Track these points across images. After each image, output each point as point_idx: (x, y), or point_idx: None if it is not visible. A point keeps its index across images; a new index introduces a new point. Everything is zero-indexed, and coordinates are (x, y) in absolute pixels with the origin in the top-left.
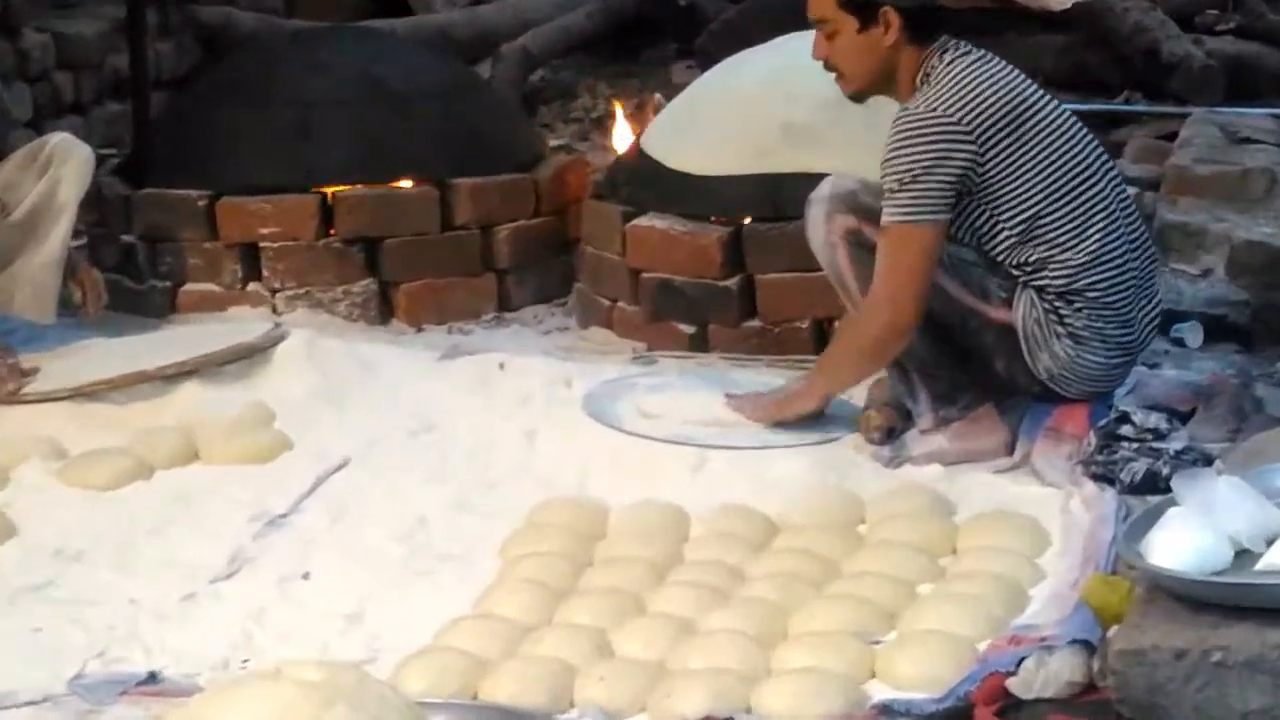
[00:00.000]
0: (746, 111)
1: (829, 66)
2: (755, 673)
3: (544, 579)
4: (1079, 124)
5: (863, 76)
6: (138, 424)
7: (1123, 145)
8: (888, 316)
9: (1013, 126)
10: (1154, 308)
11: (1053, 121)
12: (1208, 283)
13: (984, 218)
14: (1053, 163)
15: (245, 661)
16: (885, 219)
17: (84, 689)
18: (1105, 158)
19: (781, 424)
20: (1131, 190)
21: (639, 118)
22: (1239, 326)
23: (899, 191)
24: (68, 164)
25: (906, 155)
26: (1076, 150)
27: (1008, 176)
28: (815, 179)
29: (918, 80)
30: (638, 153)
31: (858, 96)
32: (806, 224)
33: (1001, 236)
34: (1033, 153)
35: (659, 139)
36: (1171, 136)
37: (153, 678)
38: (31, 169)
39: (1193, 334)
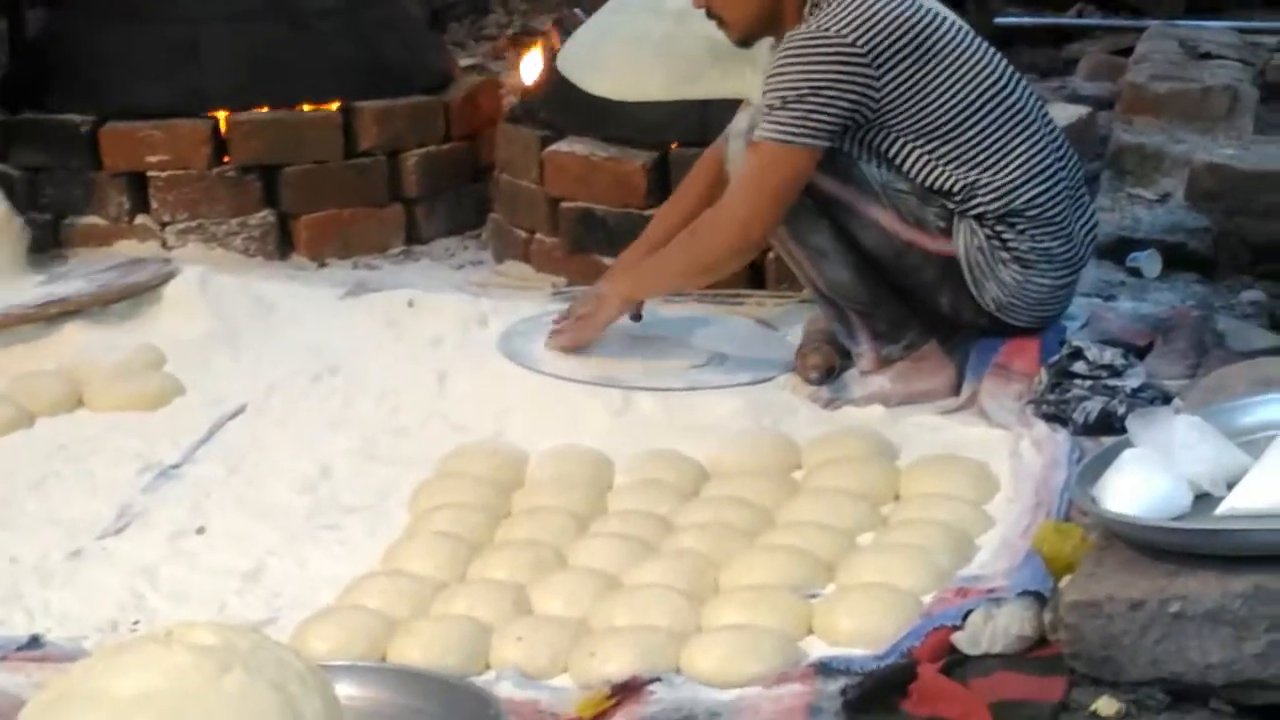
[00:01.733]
0: (670, 29)
1: (710, 14)
2: (684, 630)
3: (457, 532)
4: (984, 42)
5: (745, 19)
6: (16, 368)
7: (1075, 62)
8: (737, 238)
9: (913, 47)
10: (1089, 219)
11: (956, 38)
12: (1166, 208)
13: (894, 142)
14: (962, 80)
15: (135, 624)
16: (759, 134)
17: None
18: (1017, 73)
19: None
20: (1083, 110)
21: (556, 33)
22: (1199, 255)
23: (780, 109)
24: None
25: (793, 72)
26: (986, 65)
27: (913, 99)
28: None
29: (805, 12)
30: (554, 73)
31: (744, 42)
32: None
33: (918, 160)
34: (939, 72)
35: (574, 60)
36: (1127, 52)
37: (35, 642)
38: None
39: (1150, 263)
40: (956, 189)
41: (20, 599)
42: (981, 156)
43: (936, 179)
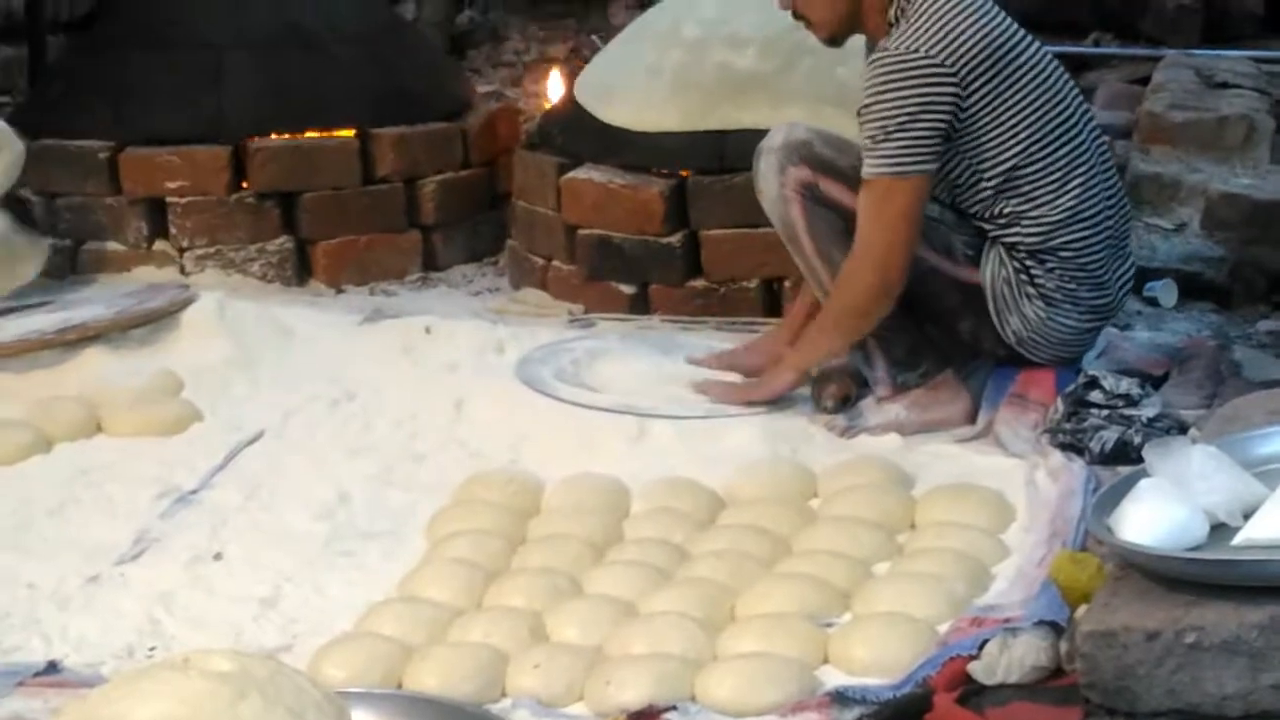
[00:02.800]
0: (685, 59)
1: (797, 16)
2: (700, 658)
3: (474, 559)
4: (1060, 68)
5: (833, 20)
6: (36, 394)
7: (1092, 90)
8: (878, 278)
9: (996, 69)
10: (1128, 269)
11: (1036, 64)
12: (1182, 238)
13: (962, 167)
14: (1036, 109)
15: (152, 650)
16: (868, 171)
17: None
18: (1086, 107)
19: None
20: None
21: (574, 62)
22: (1215, 284)
23: (884, 141)
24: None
25: (888, 101)
26: (1059, 97)
27: (990, 123)
28: (764, 129)
29: (891, 15)
30: (572, 100)
31: (833, 41)
32: (756, 176)
33: (979, 188)
34: (1016, 98)
35: (592, 88)
36: (1144, 81)
37: (52, 668)
38: None
39: (1166, 293)
40: (1002, 215)
41: (38, 624)
42: (1035, 191)
43: (985, 204)
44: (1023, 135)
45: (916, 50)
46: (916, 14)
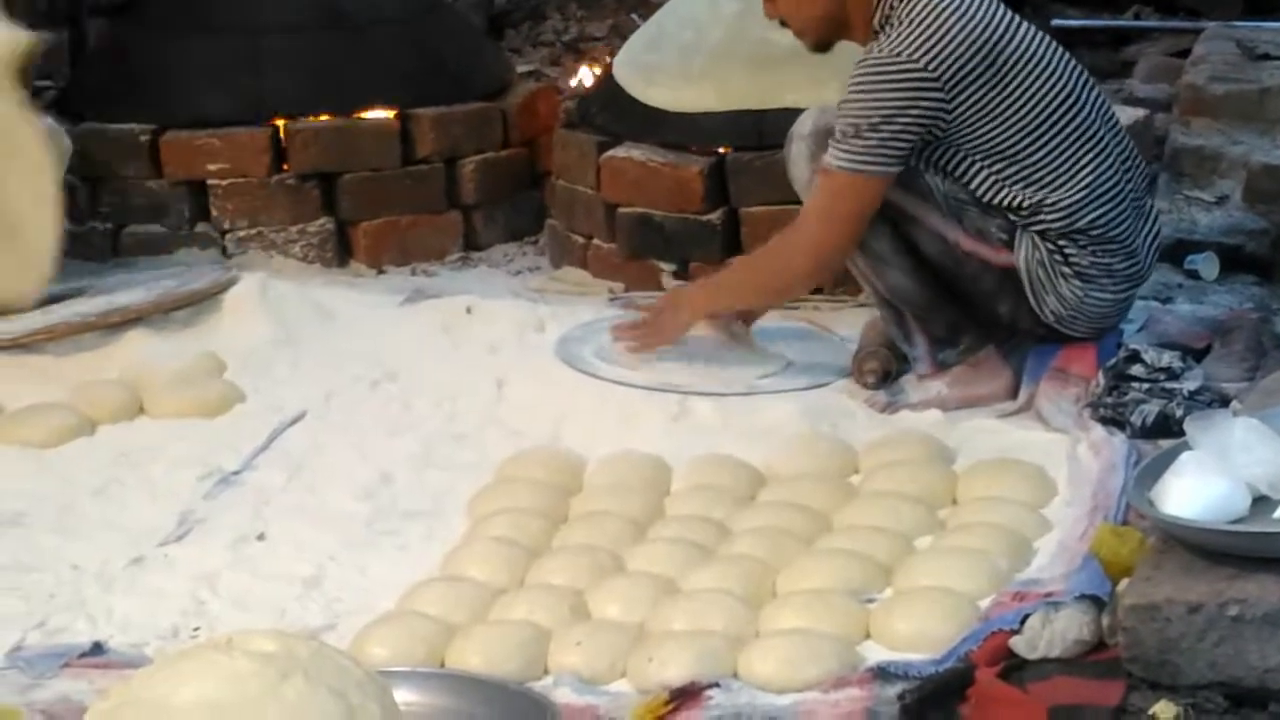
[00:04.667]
0: (723, 37)
1: (784, 24)
2: (742, 635)
3: (515, 537)
4: (1058, 49)
5: (815, 26)
6: (79, 376)
7: (1132, 64)
8: (810, 263)
9: (987, 65)
10: (1154, 230)
11: (1031, 53)
12: (1224, 210)
13: (961, 160)
14: (1035, 96)
15: (196, 630)
16: (830, 160)
17: (23, 661)
18: (1089, 81)
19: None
20: (1140, 112)
21: (613, 40)
22: (1257, 257)
23: (853, 137)
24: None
25: (866, 101)
26: (1058, 80)
27: (982, 120)
28: (804, 107)
29: (876, 21)
30: (611, 78)
31: (819, 47)
32: (788, 161)
33: (983, 177)
34: (1013, 89)
35: (629, 68)
36: (1185, 54)
37: (97, 648)
38: None
39: (1208, 266)
40: (1023, 206)
41: (83, 605)
42: (1049, 176)
43: (1002, 197)
44: (1026, 124)
45: (899, 55)
46: (902, 19)
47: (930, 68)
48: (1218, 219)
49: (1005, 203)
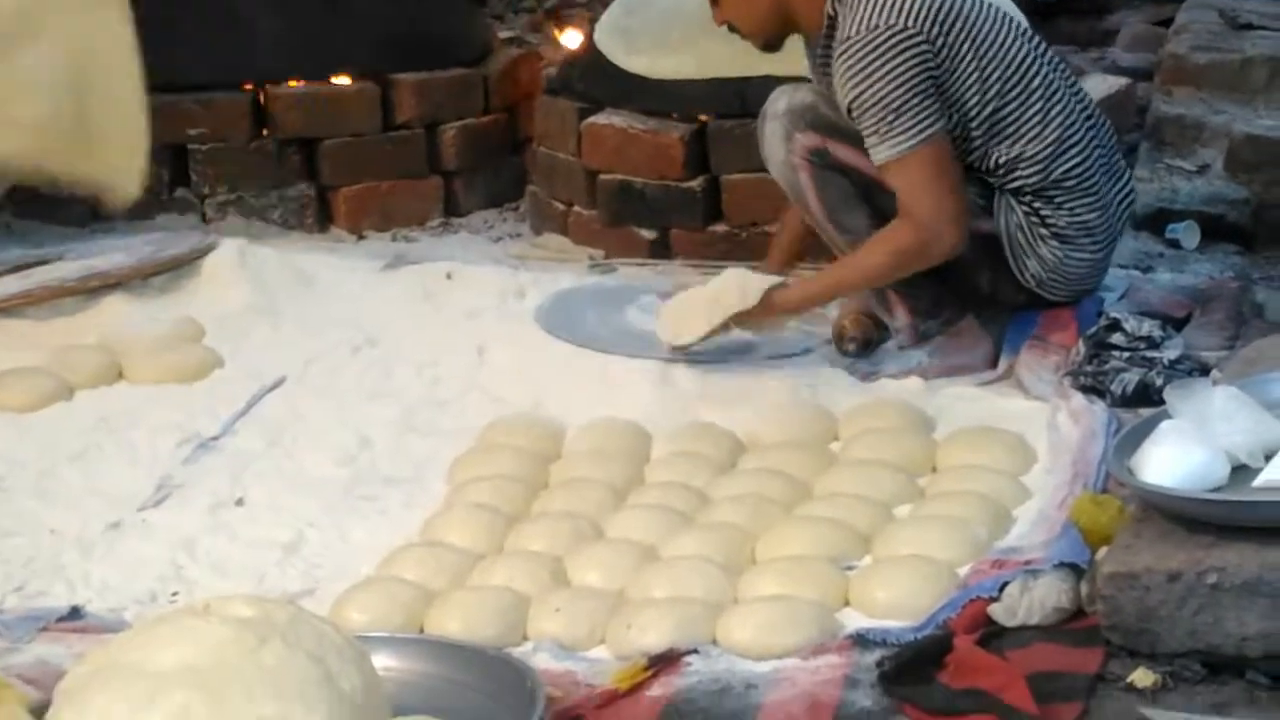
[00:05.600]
0: (704, 5)
1: (733, 29)
2: (721, 602)
3: (495, 503)
4: (1004, 13)
5: (763, 25)
6: (57, 341)
7: (1115, 32)
8: (948, 235)
9: (951, 21)
10: (1126, 188)
11: (987, 9)
12: (1205, 180)
13: (953, 122)
14: (1000, 49)
15: (175, 595)
16: (890, 154)
17: (1, 625)
18: (1042, 43)
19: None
20: (1122, 81)
21: (595, 6)
22: (1238, 226)
23: (894, 121)
24: None
25: (880, 81)
26: (1013, 38)
27: (962, 73)
28: (785, 76)
29: (829, 6)
30: (593, 45)
31: (769, 47)
32: (761, 141)
33: (970, 140)
34: (979, 42)
35: (611, 34)
36: (1167, 23)
37: (75, 613)
38: None
39: (1189, 235)
40: (1000, 164)
41: (61, 570)
42: (1021, 129)
43: (981, 158)
44: (994, 76)
45: (878, 26)
46: None
47: (911, 25)
48: (1199, 188)
49: (986, 164)
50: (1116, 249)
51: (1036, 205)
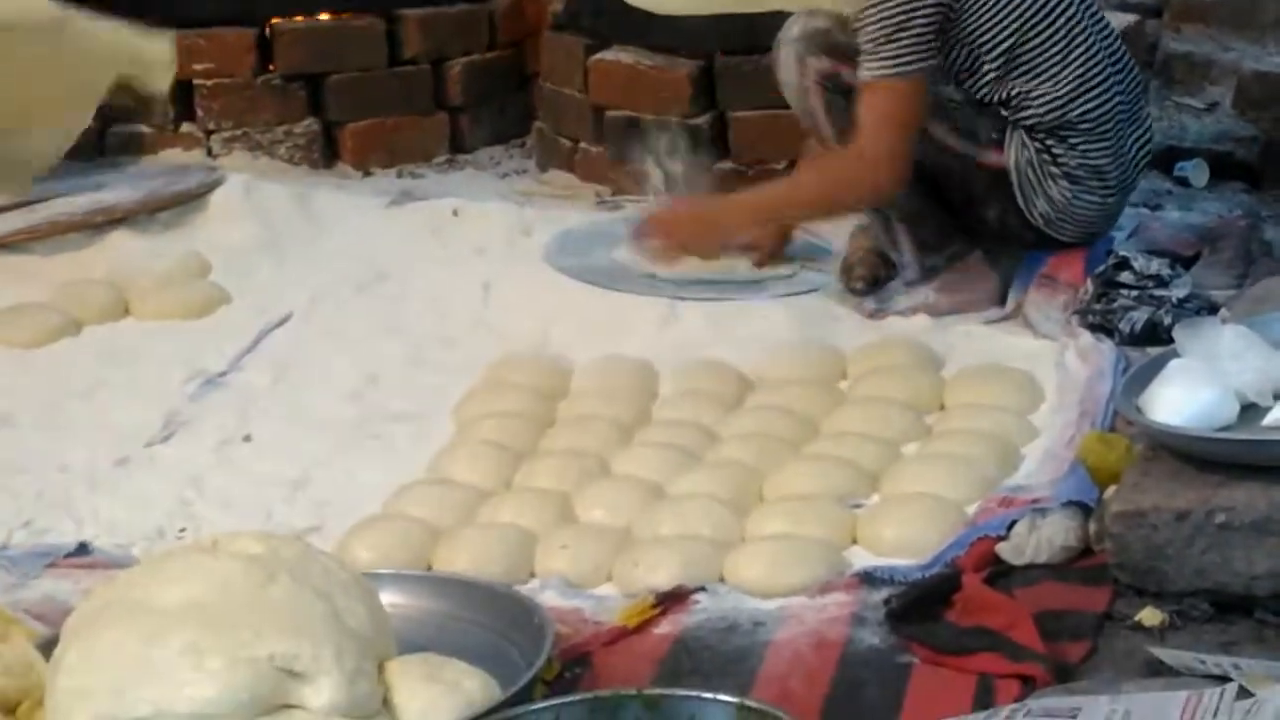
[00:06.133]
0: None
1: None
2: (728, 540)
3: (502, 440)
4: None
5: None
6: (63, 277)
7: None
8: (880, 181)
9: None
10: (1145, 137)
11: None
12: (1214, 117)
13: (963, 55)
14: None
15: (182, 531)
16: (867, 74)
17: (8, 560)
18: None
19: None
20: (1131, 18)
21: None
22: (1247, 164)
23: (885, 43)
24: None
25: (883, 8)
26: None
27: (982, 6)
28: (793, 10)
29: None
30: None
31: None
32: (776, 66)
33: (983, 71)
34: None
35: None
36: None
37: (83, 548)
38: None
39: (1197, 172)
40: (1013, 97)
41: (69, 506)
42: (1041, 65)
43: (996, 90)
44: (1015, 11)
45: None
46: None
47: None
48: (1208, 126)
49: (999, 97)
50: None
51: (1049, 144)
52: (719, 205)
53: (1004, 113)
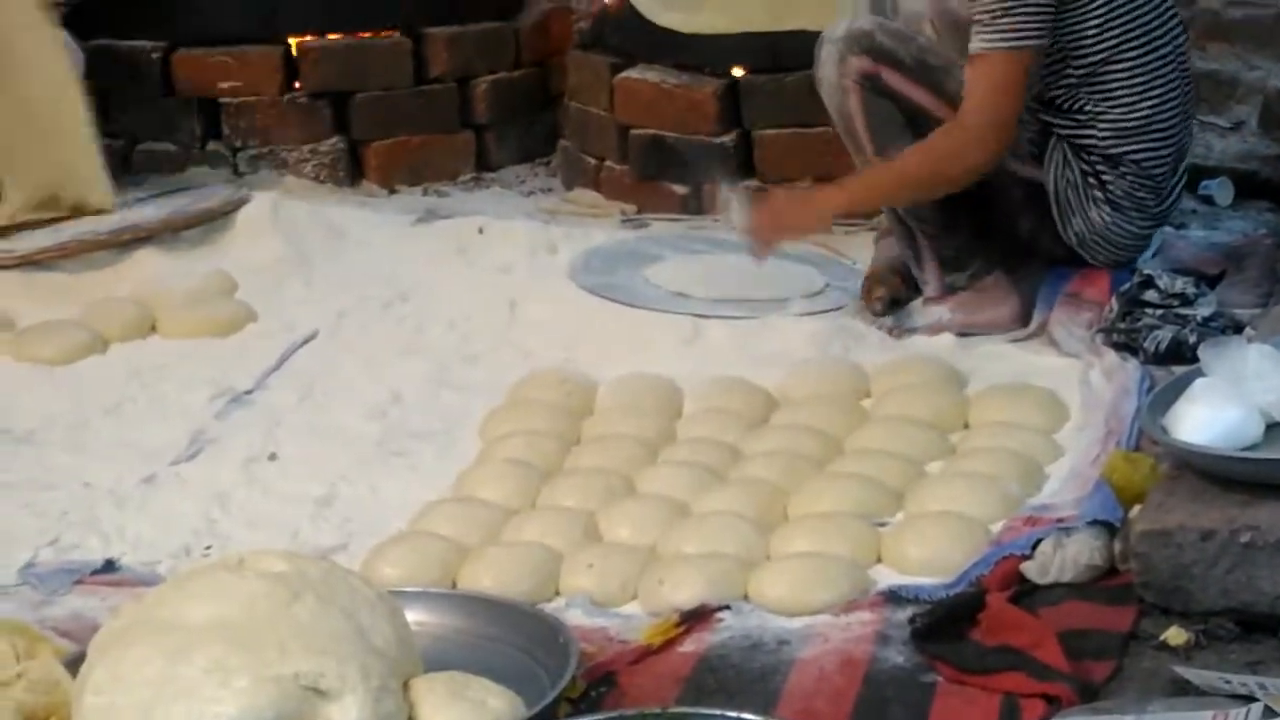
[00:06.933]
0: None
1: None
2: (753, 558)
3: (528, 459)
4: None
5: None
6: (91, 294)
7: None
8: (989, 145)
9: None
10: (1183, 173)
11: None
12: (1239, 136)
13: (1054, 50)
14: (1134, 5)
15: (208, 549)
16: (981, 45)
17: (36, 578)
18: (1175, 12)
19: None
20: None
21: None
22: (1272, 183)
23: (1002, 16)
24: None
25: None
26: (1156, 4)
27: (1090, 7)
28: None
29: None
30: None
31: None
32: (816, 64)
33: (1064, 75)
34: None
35: None
36: None
37: (109, 566)
38: None
39: (1222, 191)
40: (1081, 112)
41: (96, 523)
42: (1118, 89)
43: (1065, 94)
44: (1116, 28)
45: None
46: None
47: None
48: (1233, 144)
49: (1065, 103)
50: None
51: (1100, 169)
52: (821, 190)
53: (1061, 126)
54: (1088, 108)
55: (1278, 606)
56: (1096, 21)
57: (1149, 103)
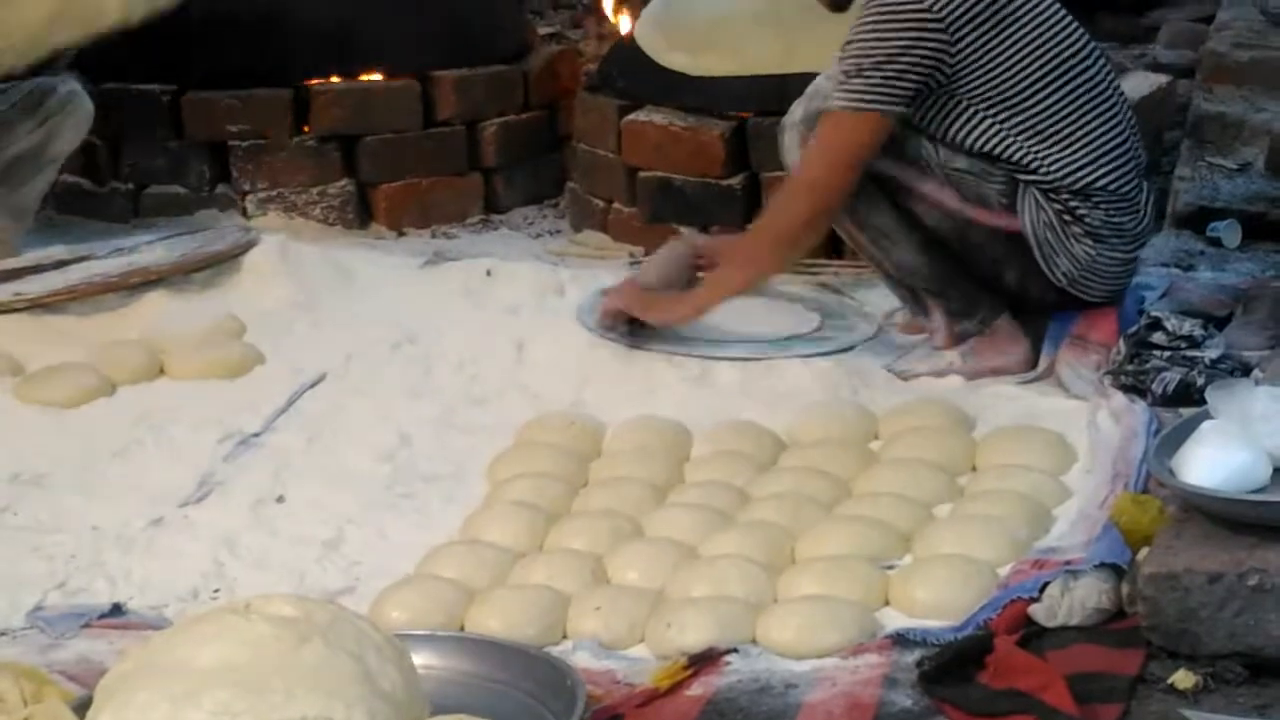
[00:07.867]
0: (744, 1)
1: None
2: (761, 601)
3: (535, 501)
4: (1062, 8)
5: None
6: (99, 337)
7: (1155, 29)
8: (810, 206)
9: (990, 13)
10: (1151, 190)
11: (1035, 5)
12: (1246, 178)
13: (964, 110)
14: (1038, 49)
15: (216, 592)
16: (831, 103)
17: (44, 621)
18: (1093, 44)
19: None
20: (1163, 78)
21: (635, 3)
22: None
23: (855, 77)
24: (68, 118)
25: (868, 41)
26: (1065, 36)
27: (986, 66)
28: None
29: None
30: (633, 42)
31: (837, 5)
32: (781, 151)
33: (985, 127)
34: (1015, 39)
35: (651, 30)
36: (1208, 19)
37: (117, 609)
38: (32, 113)
39: (1230, 233)
40: (1024, 161)
41: (102, 566)
42: (1053, 130)
43: (1004, 148)
44: (1031, 74)
45: None
46: None
47: (934, 8)
48: (1240, 186)
49: (1008, 155)
50: (1149, 247)
51: (1073, 204)
52: (694, 294)
53: (1021, 177)
54: (1036, 151)
55: None
56: (1004, 76)
57: (1098, 133)
